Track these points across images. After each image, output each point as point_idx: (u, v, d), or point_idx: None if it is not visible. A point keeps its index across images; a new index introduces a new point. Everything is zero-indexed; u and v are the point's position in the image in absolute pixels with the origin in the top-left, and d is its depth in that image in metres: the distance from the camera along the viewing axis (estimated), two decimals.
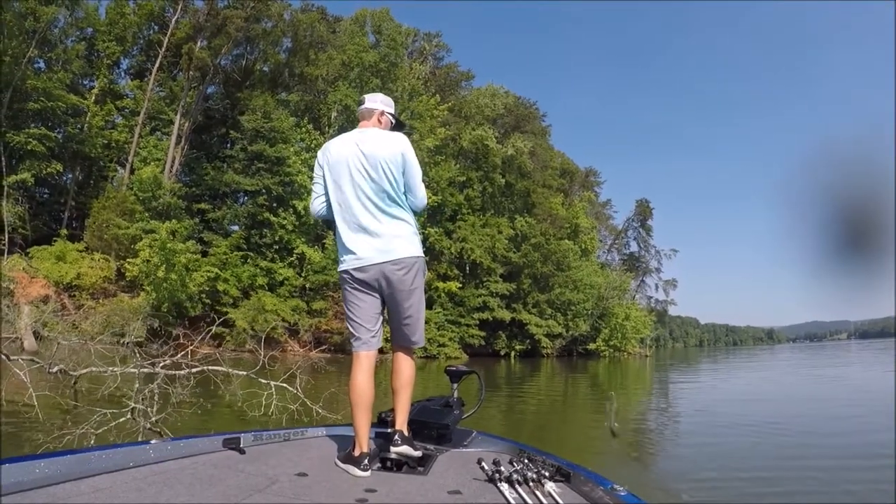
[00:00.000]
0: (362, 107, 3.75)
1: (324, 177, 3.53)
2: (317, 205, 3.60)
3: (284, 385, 9.83)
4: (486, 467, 3.00)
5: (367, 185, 3.42)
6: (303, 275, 42.27)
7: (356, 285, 3.41)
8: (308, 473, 2.97)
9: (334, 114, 48.33)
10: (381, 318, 3.54)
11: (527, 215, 54.98)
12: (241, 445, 3.43)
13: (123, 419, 7.60)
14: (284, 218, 41.58)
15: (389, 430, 3.33)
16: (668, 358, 68.41)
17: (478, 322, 48.71)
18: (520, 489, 2.68)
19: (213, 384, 10.44)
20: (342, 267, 3.44)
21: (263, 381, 9.79)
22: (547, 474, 2.84)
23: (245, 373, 10.13)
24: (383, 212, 3.43)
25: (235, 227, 42.41)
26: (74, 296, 33.04)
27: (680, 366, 46.26)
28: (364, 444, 3.19)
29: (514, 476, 2.79)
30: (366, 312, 3.45)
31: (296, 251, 42.21)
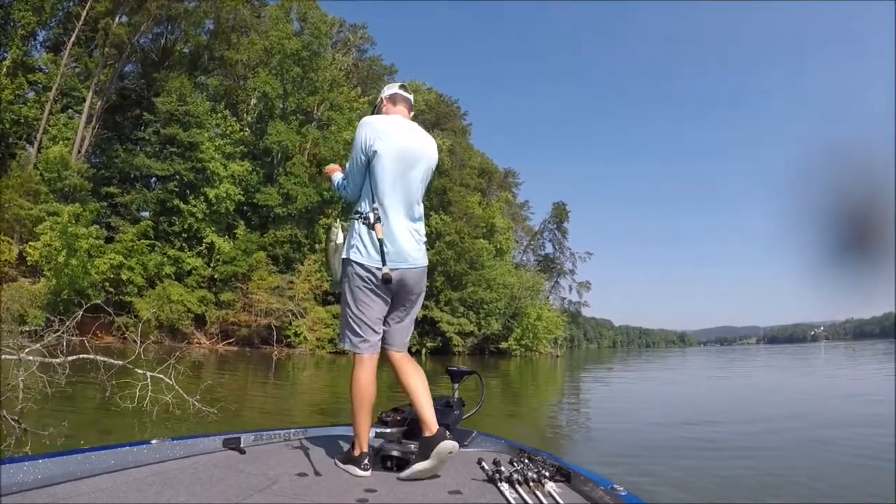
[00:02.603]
0: (407, 94, 3.74)
1: (366, 156, 3.40)
2: (355, 189, 3.52)
3: (160, 376, 9.92)
4: (487, 467, 3.17)
5: (420, 187, 3.49)
6: (212, 265, 43.01)
7: (375, 285, 3.37)
8: (308, 473, 3.13)
9: (253, 101, 49.33)
10: None
11: (442, 213, 56.41)
12: (242, 445, 3.61)
13: None
14: (195, 205, 42.23)
15: (426, 435, 3.21)
16: (580, 358, 71.80)
17: None
18: (520, 489, 2.83)
19: (89, 373, 10.18)
20: (370, 262, 3.35)
21: (140, 371, 9.90)
22: (547, 474, 2.99)
23: (121, 362, 10.01)
24: (421, 216, 3.53)
25: (146, 214, 42.66)
26: None
27: (587, 366, 49.33)
28: (365, 444, 3.30)
29: (515, 476, 2.95)
30: (377, 314, 3.45)
31: (205, 240, 42.92)
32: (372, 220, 3.31)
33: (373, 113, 3.70)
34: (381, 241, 3.30)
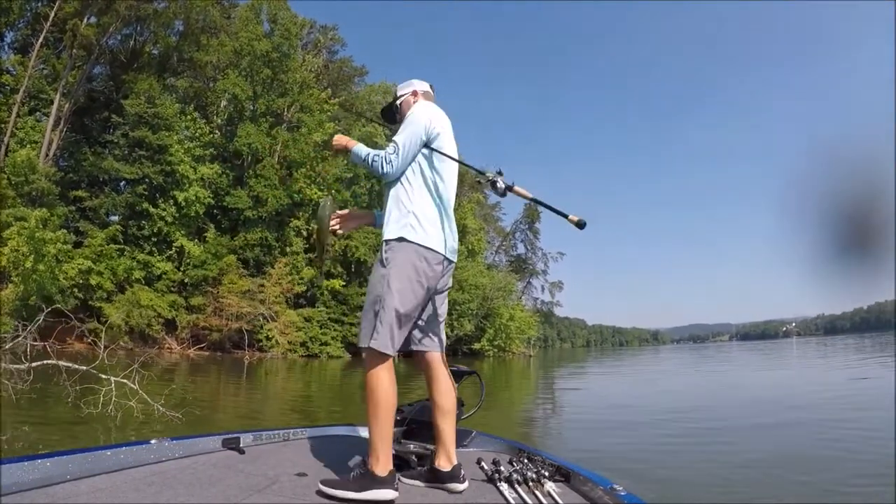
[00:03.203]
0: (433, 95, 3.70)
1: (427, 137, 3.27)
2: (404, 166, 3.25)
3: (124, 381, 9.99)
4: (486, 467, 3.22)
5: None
6: (182, 269, 43.02)
7: (430, 278, 3.14)
8: (308, 473, 3.12)
9: (223, 103, 49.58)
10: None
11: None
12: (241, 445, 3.64)
13: None
14: (164, 209, 42.09)
15: (441, 465, 3.09)
16: (554, 358, 72.85)
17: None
18: (519, 489, 2.88)
19: (52, 379, 10.44)
20: (437, 246, 3.17)
21: (104, 376, 9.97)
22: (546, 474, 3.04)
23: (84, 367, 10.18)
24: None
25: (114, 218, 42.64)
26: None
27: (560, 365, 50.15)
28: (390, 459, 2.95)
29: (514, 476, 2.99)
30: (420, 309, 3.21)
31: (175, 244, 42.80)
32: (504, 187, 3.09)
33: (395, 102, 3.69)
34: (441, 228, 3.21)
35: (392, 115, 3.71)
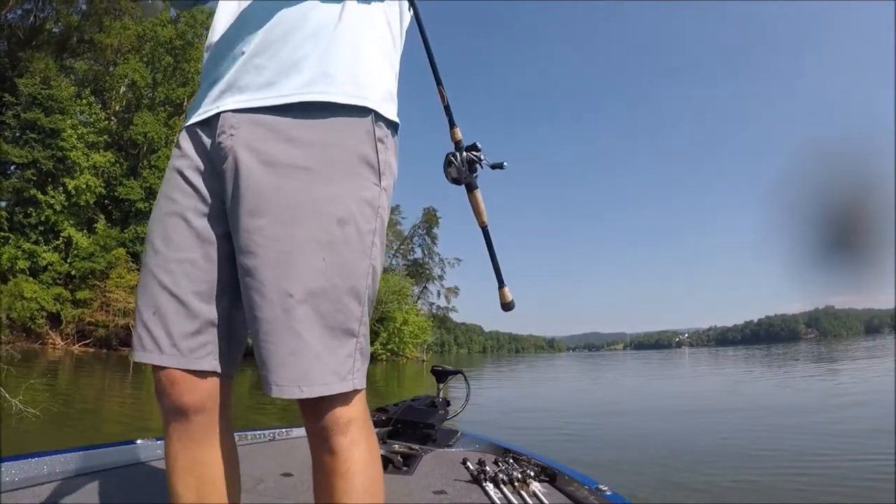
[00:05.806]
0: None
1: None
2: None
3: None
4: (471, 467, 3.29)
5: None
6: (69, 261, 42.85)
7: None
8: (293, 473, 3.13)
9: (122, 88, 49.69)
10: None
11: None
12: None
13: None
14: (53, 197, 41.74)
15: None
16: (449, 363, 73.82)
17: None
18: (504, 489, 2.95)
19: None
20: None
21: None
22: (532, 474, 3.12)
23: None
24: None
25: (1, 203, 42.00)
26: None
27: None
28: None
29: (499, 476, 3.06)
30: None
31: (63, 234, 42.57)
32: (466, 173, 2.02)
33: None
34: None
35: None
